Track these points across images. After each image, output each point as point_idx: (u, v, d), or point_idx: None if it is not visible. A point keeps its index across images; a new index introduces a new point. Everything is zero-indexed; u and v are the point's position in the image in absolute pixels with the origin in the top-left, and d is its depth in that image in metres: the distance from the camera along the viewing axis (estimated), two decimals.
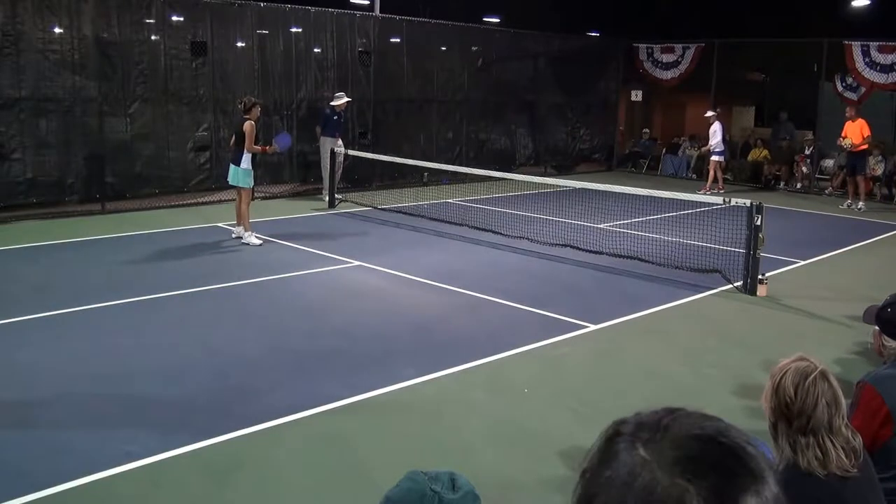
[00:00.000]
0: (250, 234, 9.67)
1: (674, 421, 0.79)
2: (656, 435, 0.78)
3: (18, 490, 3.90)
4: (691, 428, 0.78)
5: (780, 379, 2.35)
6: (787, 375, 2.35)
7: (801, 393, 2.30)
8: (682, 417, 0.80)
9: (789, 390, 2.32)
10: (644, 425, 0.80)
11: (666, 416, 0.80)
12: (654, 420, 0.80)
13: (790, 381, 2.33)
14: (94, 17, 11.36)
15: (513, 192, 13.17)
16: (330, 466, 4.40)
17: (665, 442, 0.77)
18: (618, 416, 0.85)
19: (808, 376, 2.32)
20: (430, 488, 1.36)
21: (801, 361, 2.39)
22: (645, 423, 0.80)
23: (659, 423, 0.79)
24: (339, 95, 13.12)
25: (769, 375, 2.43)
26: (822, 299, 8.04)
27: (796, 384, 2.31)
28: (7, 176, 10.92)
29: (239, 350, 6.07)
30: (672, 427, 0.79)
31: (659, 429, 0.79)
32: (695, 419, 0.80)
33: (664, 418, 0.80)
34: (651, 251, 9.35)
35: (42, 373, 5.46)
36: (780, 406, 2.32)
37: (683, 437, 0.77)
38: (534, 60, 17.82)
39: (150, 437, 4.55)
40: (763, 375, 5.94)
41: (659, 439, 0.77)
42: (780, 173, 17.04)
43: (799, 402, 2.30)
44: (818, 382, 2.31)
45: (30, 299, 7.09)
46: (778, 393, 2.34)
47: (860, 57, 15.55)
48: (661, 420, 0.80)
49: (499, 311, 7.39)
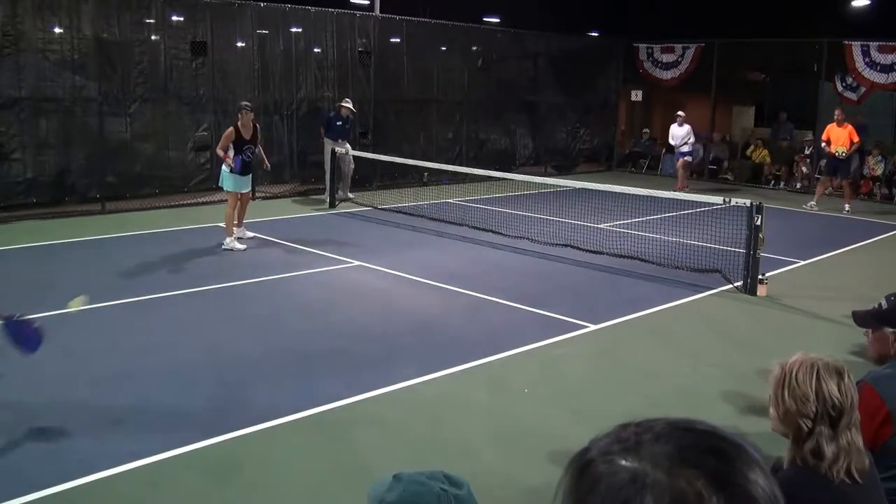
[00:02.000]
0: (232, 240, 9.36)
1: (642, 426, 0.76)
2: (633, 443, 0.74)
3: (18, 490, 3.90)
4: (668, 422, 0.75)
5: (817, 382, 2.24)
6: (823, 376, 2.25)
7: (845, 390, 2.23)
8: (649, 421, 0.76)
9: (833, 390, 2.22)
10: (613, 441, 0.75)
11: (629, 427, 0.76)
12: (619, 435, 0.76)
13: (829, 380, 2.24)
14: (94, 17, 11.37)
15: (513, 192, 13.17)
16: (330, 466, 4.40)
17: (648, 444, 0.73)
18: (617, 417, 0.84)
19: (842, 373, 2.25)
20: (439, 487, 1.35)
21: (815, 358, 2.31)
22: (612, 439, 0.76)
23: (628, 434, 0.75)
24: (346, 101, 13.07)
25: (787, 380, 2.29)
26: (822, 299, 8.04)
27: (837, 383, 2.23)
28: (7, 176, 10.93)
29: (239, 350, 6.07)
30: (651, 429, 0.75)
31: (631, 437, 0.75)
32: (665, 418, 0.76)
33: (627, 428, 0.76)
34: (651, 251, 9.35)
35: (42, 373, 5.46)
36: (827, 409, 2.21)
37: (666, 431, 0.74)
38: (534, 60, 17.83)
39: (150, 437, 4.54)
40: (763, 375, 5.93)
41: (641, 443, 0.74)
42: (780, 173, 17.04)
43: (847, 400, 2.21)
44: (851, 378, 2.26)
45: (29, 299, 7.08)
46: (821, 396, 2.22)
47: (860, 57, 15.55)
48: (624, 431, 0.76)
49: (499, 311, 7.39)
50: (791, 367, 2.33)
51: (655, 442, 0.74)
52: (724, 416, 5.04)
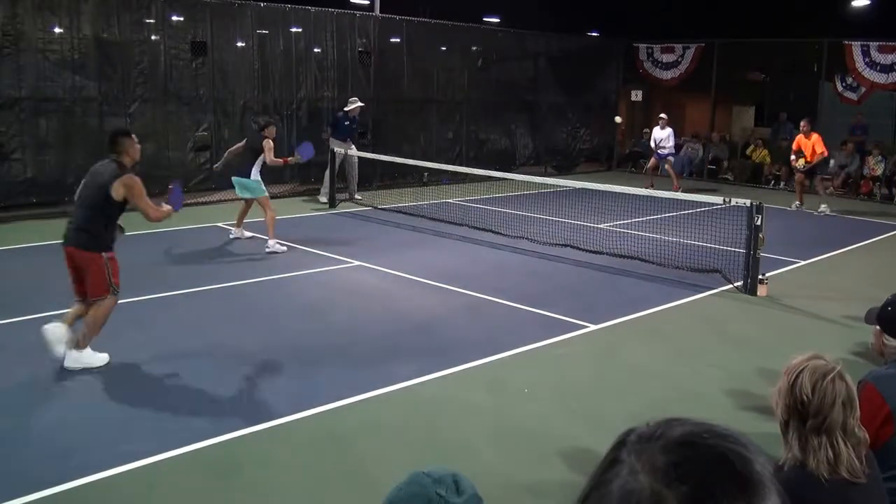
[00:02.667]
0: (275, 243, 9.38)
1: (668, 428, 0.80)
2: (650, 443, 0.78)
3: (18, 490, 3.90)
4: (682, 434, 0.78)
5: (797, 377, 2.29)
6: (805, 373, 2.29)
7: (819, 392, 2.24)
8: (676, 425, 0.80)
9: (806, 388, 2.25)
10: (643, 435, 0.80)
11: (663, 425, 0.81)
12: (651, 429, 0.81)
13: (807, 379, 2.27)
14: (94, 17, 11.37)
15: (513, 192, 13.17)
16: (330, 466, 4.40)
17: (656, 450, 0.77)
18: (618, 417, 0.86)
19: (826, 375, 2.26)
20: (435, 493, 1.35)
21: (817, 360, 2.33)
22: (644, 433, 0.81)
23: (654, 433, 0.80)
24: (353, 101, 13.07)
25: (783, 372, 2.37)
26: (822, 299, 8.04)
27: (814, 383, 2.25)
28: (7, 176, 10.93)
29: (239, 350, 6.06)
30: (665, 435, 0.79)
31: (653, 437, 0.79)
32: (689, 426, 0.80)
33: (661, 427, 0.81)
34: (651, 251, 9.35)
35: (41, 373, 5.46)
36: (796, 404, 2.27)
37: (672, 443, 0.77)
38: (534, 60, 17.83)
39: (150, 437, 4.54)
40: (763, 375, 5.94)
41: (651, 448, 0.78)
42: (780, 173, 17.04)
43: (816, 401, 2.24)
44: (836, 382, 2.26)
45: (29, 299, 7.09)
46: (794, 390, 2.28)
47: (860, 57, 15.55)
48: (658, 429, 0.80)
49: (499, 311, 7.38)
50: (788, 364, 2.38)
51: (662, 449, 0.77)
52: (723, 416, 5.04)
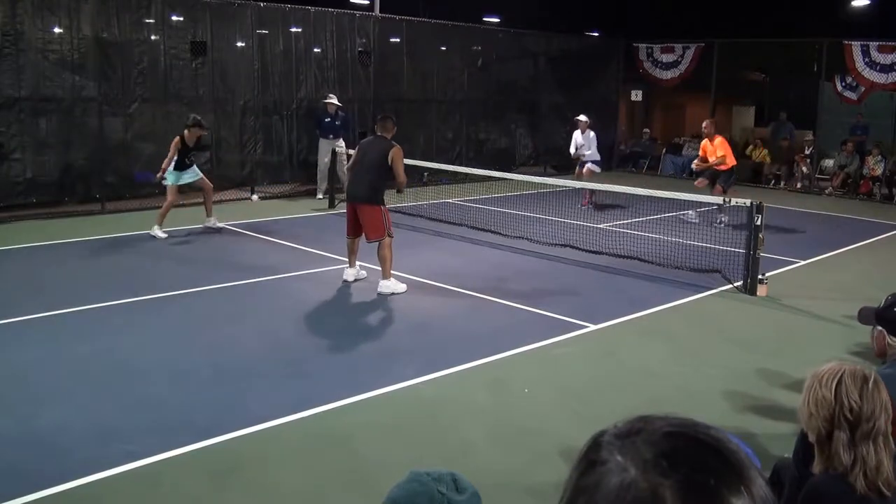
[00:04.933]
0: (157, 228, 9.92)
1: (647, 423, 0.81)
2: (630, 439, 0.79)
3: (18, 490, 3.90)
4: (665, 426, 0.80)
5: (838, 384, 2.22)
6: (846, 381, 2.22)
7: (867, 397, 2.19)
8: (655, 420, 0.82)
9: (853, 395, 2.19)
10: (619, 433, 0.82)
11: (639, 422, 0.82)
12: (628, 427, 0.82)
13: (851, 386, 2.21)
14: (94, 17, 11.36)
15: (513, 192, 13.17)
16: (330, 466, 4.40)
17: (639, 444, 0.78)
18: (618, 416, 0.86)
19: (868, 380, 2.22)
20: (437, 490, 1.36)
21: (846, 366, 2.28)
22: (620, 431, 0.82)
23: (632, 429, 0.81)
24: (329, 97, 13.23)
25: (814, 383, 2.29)
26: (822, 299, 8.04)
27: (860, 389, 2.20)
28: (7, 176, 10.93)
29: (238, 350, 6.06)
30: (646, 428, 0.80)
31: (632, 433, 0.80)
32: (668, 420, 0.82)
33: (637, 423, 0.82)
34: (651, 251, 9.35)
35: (42, 373, 5.46)
36: (843, 413, 2.19)
37: (658, 435, 0.79)
38: (534, 60, 17.82)
39: (150, 437, 4.54)
40: (763, 375, 5.95)
41: (633, 442, 0.79)
42: (780, 173, 17.04)
43: (867, 407, 2.18)
44: (879, 386, 2.22)
45: (29, 299, 7.09)
46: (840, 398, 2.20)
47: (860, 57, 15.55)
48: (635, 425, 0.82)
49: (499, 311, 7.38)
50: (819, 372, 2.32)
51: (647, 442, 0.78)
52: (724, 416, 5.04)
